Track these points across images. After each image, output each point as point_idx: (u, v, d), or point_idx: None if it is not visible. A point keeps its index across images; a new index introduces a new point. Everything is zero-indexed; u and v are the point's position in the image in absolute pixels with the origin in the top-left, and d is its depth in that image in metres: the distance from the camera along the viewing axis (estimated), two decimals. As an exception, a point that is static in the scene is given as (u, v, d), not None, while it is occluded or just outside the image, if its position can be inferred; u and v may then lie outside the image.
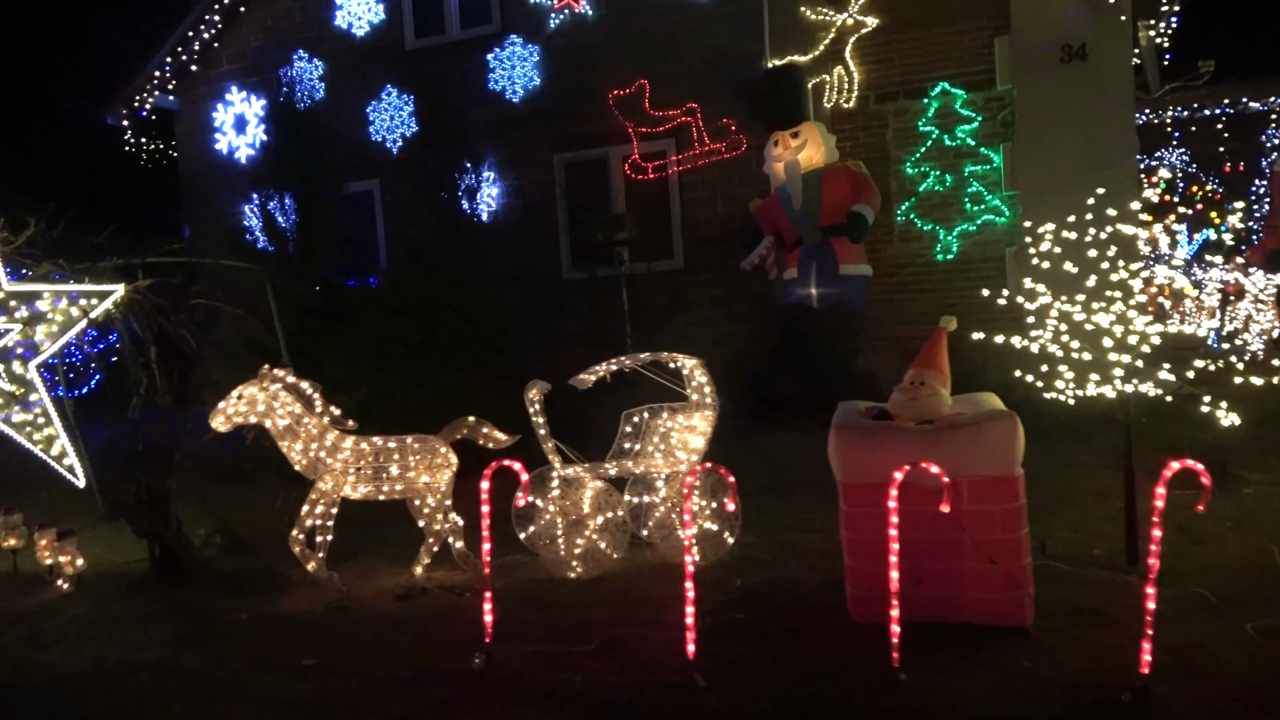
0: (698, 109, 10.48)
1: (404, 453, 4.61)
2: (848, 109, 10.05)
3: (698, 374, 4.97)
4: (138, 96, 12.63)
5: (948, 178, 9.76)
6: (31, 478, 7.23)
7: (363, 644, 4.04)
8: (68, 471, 5.02)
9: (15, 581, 5.18)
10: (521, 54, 11.16)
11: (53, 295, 4.89)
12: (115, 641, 4.20)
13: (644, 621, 4.12)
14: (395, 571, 4.97)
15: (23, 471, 6.44)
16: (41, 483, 7.24)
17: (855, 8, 9.89)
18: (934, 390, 3.99)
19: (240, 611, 4.46)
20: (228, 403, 4.47)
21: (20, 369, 4.99)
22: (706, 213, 10.66)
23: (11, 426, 5.06)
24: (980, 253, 9.74)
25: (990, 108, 9.57)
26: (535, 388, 4.87)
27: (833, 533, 5.26)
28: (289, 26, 12.37)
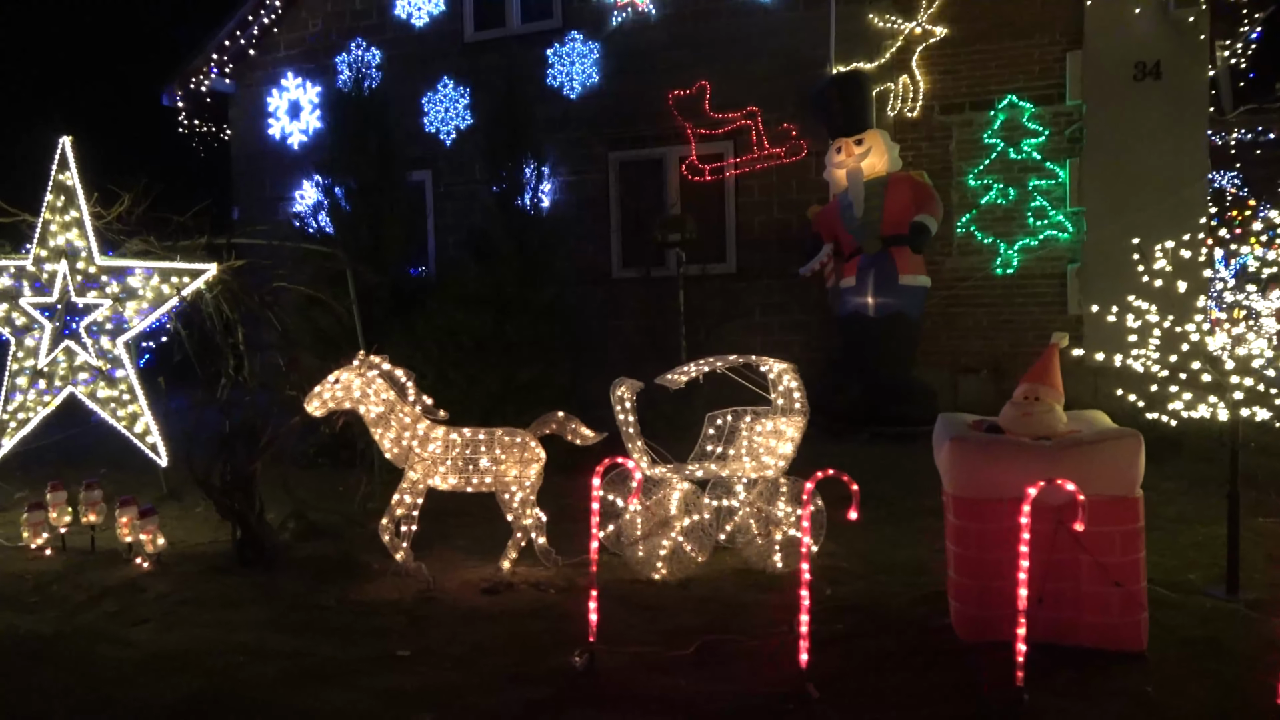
0: (758, 113, 10.43)
1: (494, 445, 4.56)
2: (911, 118, 9.95)
3: (787, 379, 4.91)
4: (194, 78, 12.68)
5: (1011, 191, 9.65)
6: (93, 454, 7.29)
7: (455, 637, 4.00)
8: (150, 449, 5.01)
9: (93, 558, 5.16)
10: (581, 50, 11.13)
11: (144, 272, 4.88)
12: (206, 621, 4.17)
13: (739, 628, 4.06)
14: (474, 564, 4.92)
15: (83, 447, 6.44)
16: (103, 459, 7.33)
17: (924, 17, 9.81)
18: (1049, 406, 3.91)
19: (327, 598, 4.42)
20: (323, 387, 4.44)
21: (108, 344, 4.99)
22: (762, 217, 10.60)
23: (97, 402, 5.06)
24: (1041, 269, 9.63)
25: (1058, 122, 9.46)
26: (624, 385, 4.82)
27: (915, 546, 5.23)
28: (349, 13, 12.40)
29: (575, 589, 4.57)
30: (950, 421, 4.19)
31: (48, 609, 4.40)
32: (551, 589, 4.56)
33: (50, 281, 5.08)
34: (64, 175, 5.05)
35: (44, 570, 4.95)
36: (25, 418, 5.24)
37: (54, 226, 5.06)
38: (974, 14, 9.66)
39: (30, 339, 5.20)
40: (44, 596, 4.57)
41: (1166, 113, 8.98)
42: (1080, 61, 9.29)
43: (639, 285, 10.84)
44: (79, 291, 5.00)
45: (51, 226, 5.06)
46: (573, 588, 4.59)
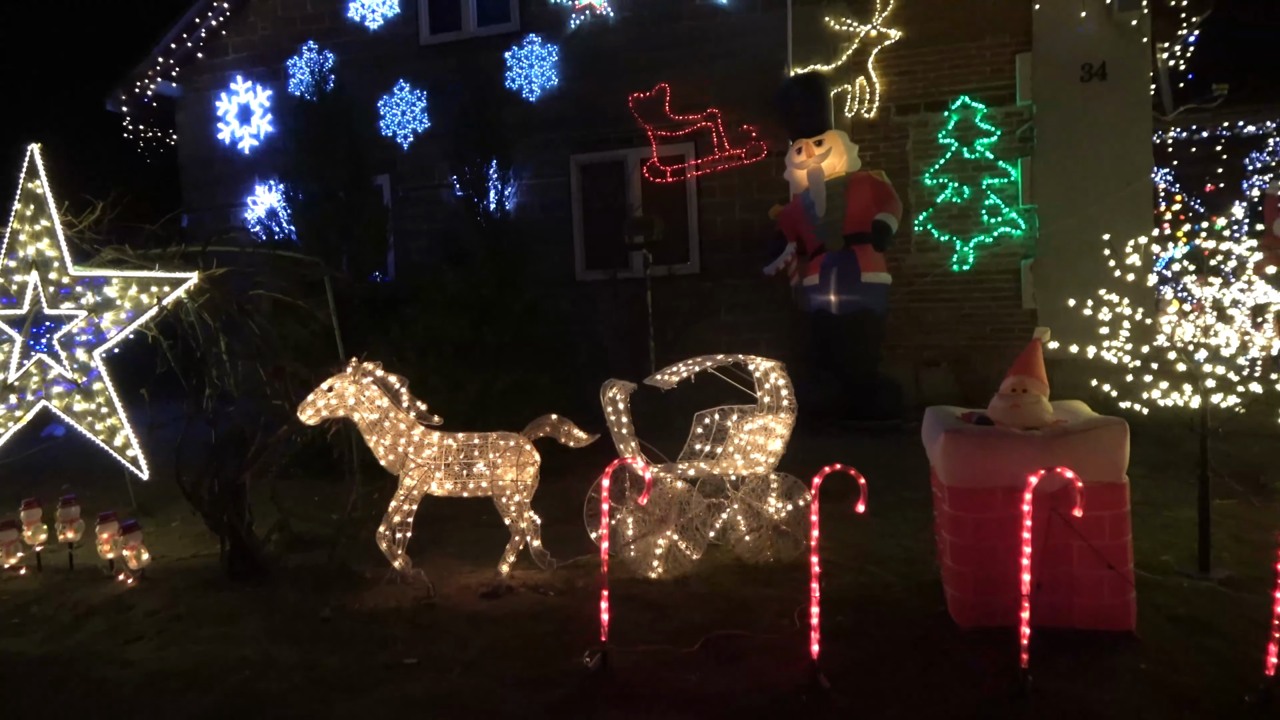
0: (719, 114, 10.54)
1: (489, 449, 4.56)
2: (868, 119, 10.16)
3: (774, 377, 5.00)
4: (140, 82, 12.37)
5: (966, 190, 9.91)
6: (53, 470, 7.09)
7: (461, 642, 3.99)
8: (130, 464, 4.89)
9: (73, 576, 5.02)
10: (540, 53, 11.13)
11: (122, 282, 4.76)
12: (204, 637, 4.09)
13: (742, 623, 4.12)
14: (469, 569, 4.91)
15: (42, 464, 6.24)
16: (64, 475, 7.13)
17: (879, 20, 10.02)
18: (1036, 398, 4.05)
19: (324, 608, 4.37)
20: (317, 395, 4.39)
21: (84, 356, 4.86)
22: (724, 218, 10.71)
23: (72, 415, 4.92)
24: (996, 264, 9.91)
25: (1010, 122, 9.75)
26: (616, 387, 4.85)
27: (902, 537, 5.36)
28: (300, 17, 12.21)
29: (574, 591, 4.59)
30: (940, 414, 4.31)
31: (33, 630, 4.28)
32: (551, 591, 4.57)
33: (20, 293, 4.93)
34: (33, 183, 4.90)
35: (22, 590, 4.80)
36: (-4, 434, 5.08)
37: (23, 236, 4.91)
38: (928, 16, 9.90)
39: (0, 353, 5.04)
40: (26, 617, 4.43)
41: (1112, 112, 9.32)
42: (1030, 63, 9.58)
43: (604, 287, 10.88)
44: (52, 303, 4.86)
45: (20, 236, 4.91)
46: (571, 590, 4.60)
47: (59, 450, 5.96)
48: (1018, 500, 3.83)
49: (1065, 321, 9.62)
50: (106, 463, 5.34)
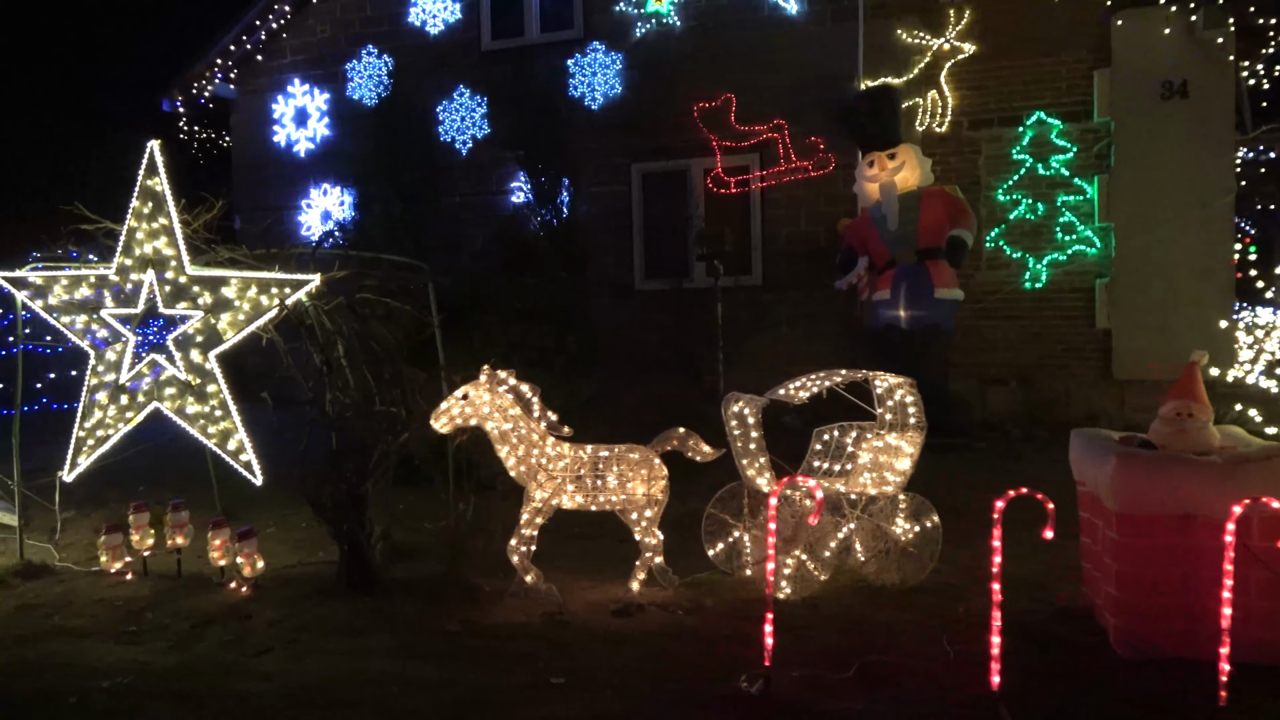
0: (785, 125, 10.44)
1: (619, 462, 4.43)
2: (940, 133, 10.04)
3: (900, 394, 4.86)
4: (197, 83, 12.33)
5: (1039, 206, 9.77)
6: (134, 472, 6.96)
7: (603, 662, 3.85)
8: (244, 468, 4.77)
9: (181, 583, 4.90)
10: (603, 61, 11.04)
11: (241, 282, 4.66)
12: (334, 649, 3.97)
13: (886, 647, 3.98)
14: (586, 584, 4.77)
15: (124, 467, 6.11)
16: (142, 477, 7.02)
17: (953, 33, 9.91)
18: (1203, 423, 3.91)
19: (450, 622, 4.24)
20: (450, 403, 4.27)
21: (199, 358, 4.75)
22: (789, 230, 10.60)
23: (185, 418, 4.81)
24: (1069, 283, 9.76)
25: (1086, 139, 9.61)
26: (743, 401, 4.72)
27: (1018, 559, 5.19)
28: (359, 20, 12.17)
29: (702, 609, 4.46)
30: (1096, 438, 4.17)
31: (152, 639, 4.15)
32: (679, 610, 4.44)
33: (135, 292, 4.83)
34: (152, 180, 4.80)
35: (131, 596, 4.68)
36: (104, 435, 4.96)
37: (140, 234, 4.81)
38: (1001, 31, 9.78)
39: (111, 352, 4.93)
40: (141, 624, 4.32)
41: (1193, 131, 9.18)
42: (1108, 79, 9.45)
43: (663, 297, 10.75)
44: (167, 302, 4.76)
45: (138, 234, 4.81)
46: (700, 608, 4.47)
47: (144, 453, 5.81)
48: (1192, 528, 3.71)
49: (1146, 341, 9.49)
50: (189, 466, 5.23)
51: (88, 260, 5.07)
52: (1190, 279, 9.22)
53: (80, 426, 4.98)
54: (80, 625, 4.30)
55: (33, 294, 4.99)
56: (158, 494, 6.75)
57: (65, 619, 4.38)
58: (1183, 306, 9.25)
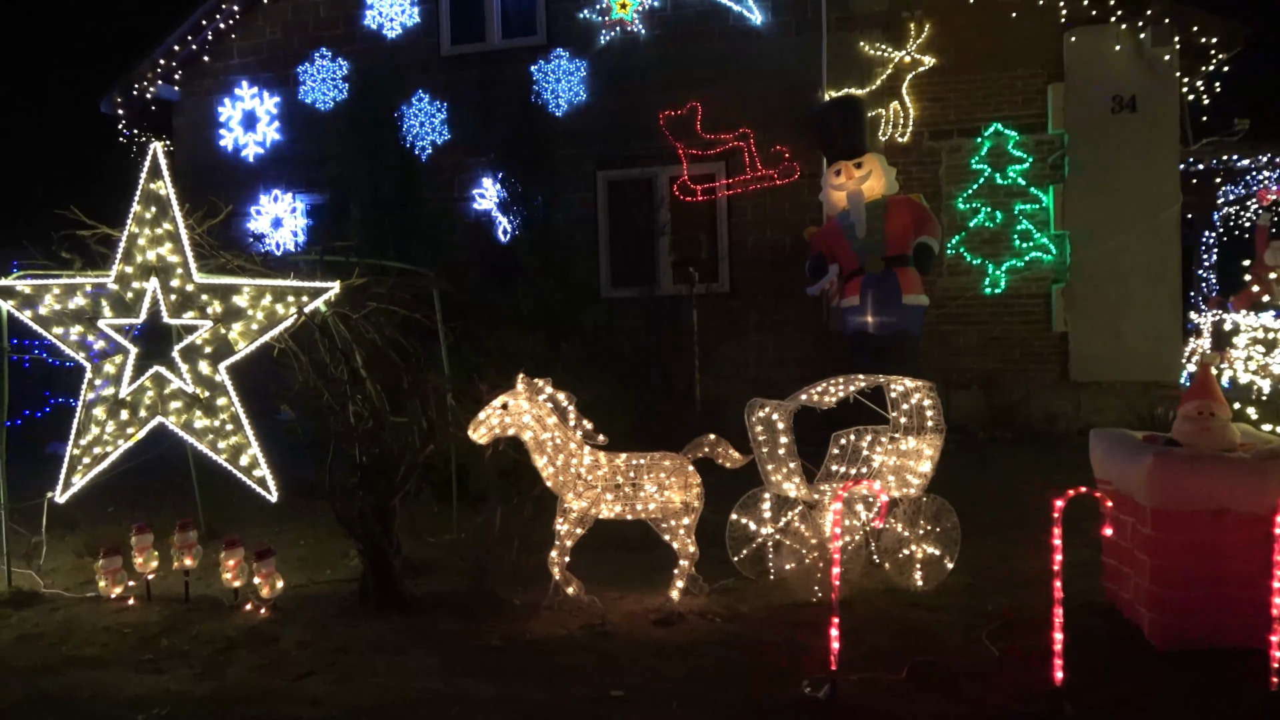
0: (751, 134, 10.54)
1: (655, 470, 4.39)
2: (902, 143, 10.29)
3: (918, 397, 4.94)
4: (139, 84, 11.83)
5: (998, 215, 10.10)
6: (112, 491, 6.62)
7: (656, 673, 3.81)
8: (258, 484, 4.57)
9: (190, 606, 4.65)
10: (568, 68, 10.97)
11: (255, 290, 4.48)
12: (379, 670, 3.82)
13: (929, 648, 4.03)
14: (616, 594, 4.69)
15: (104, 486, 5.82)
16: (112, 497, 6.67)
17: (913, 46, 10.18)
18: (1224, 421, 4.07)
19: (491, 637, 4.13)
20: (488, 413, 4.17)
21: (208, 370, 4.54)
22: (755, 237, 10.69)
23: (192, 433, 4.59)
24: (1027, 288, 10.11)
25: (1041, 150, 9.98)
26: (769, 406, 4.74)
27: (1025, 559, 5.33)
28: (312, 21, 11.85)
29: (740, 617, 4.45)
30: (1120, 438, 4.32)
31: (176, 666, 3.94)
32: (716, 617, 4.42)
33: (136, 301, 4.59)
34: (155, 184, 4.58)
35: (140, 622, 4.43)
36: (101, 453, 4.69)
37: (142, 240, 4.57)
38: (960, 45, 10.10)
39: (110, 365, 4.67)
40: (158, 652, 4.09)
41: (1142, 143, 9.63)
42: (1061, 93, 9.83)
43: (630, 305, 10.72)
44: (173, 312, 4.53)
45: (139, 240, 4.58)
46: (737, 615, 4.46)
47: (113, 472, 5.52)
48: (1224, 522, 3.86)
49: (1102, 345, 9.85)
50: (163, 483, 4.97)
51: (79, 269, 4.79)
52: (1142, 284, 9.65)
53: (75, 444, 4.70)
54: (93, 655, 4.06)
55: (20, 303, 4.70)
56: (130, 514, 6.45)
57: (74, 649, 4.12)
58: (1135, 310, 9.67)
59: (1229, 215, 16.23)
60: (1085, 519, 6.22)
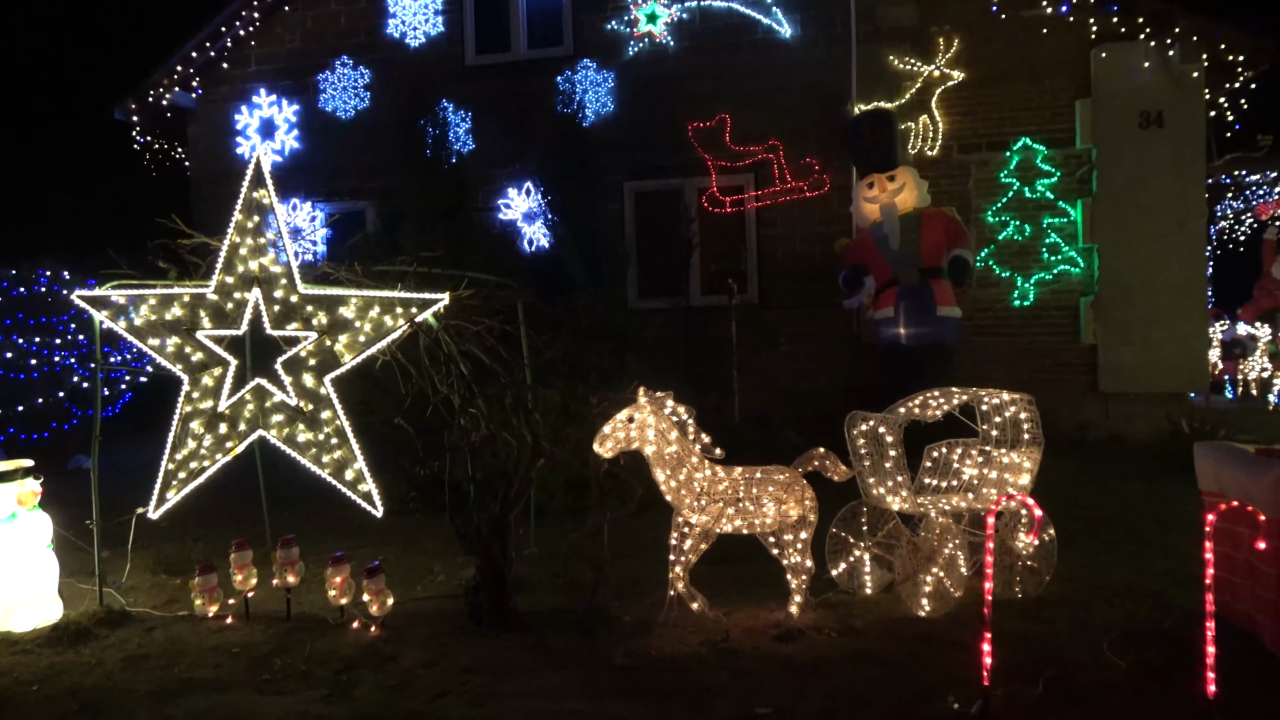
0: (780, 146, 10.59)
1: (772, 485, 4.35)
2: (931, 156, 10.36)
3: (1013, 410, 4.96)
4: (154, 91, 11.64)
5: (1027, 228, 10.19)
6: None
7: (796, 690, 3.76)
8: (363, 499, 4.47)
9: (294, 624, 4.52)
10: (594, 79, 10.96)
11: (362, 301, 4.39)
12: (512, 691, 3.74)
13: (1050, 660, 4.03)
14: (719, 608, 4.65)
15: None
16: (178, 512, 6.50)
17: (942, 61, 10.27)
18: (1342, 431, 4.12)
19: (615, 656, 4.06)
20: (614, 427, 4.11)
21: (312, 382, 4.44)
22: (784, 249, 10.73)
23: (295, 447, 4.49)
24: (1055, 301, 10.20)
25: (1069, 164, 10.09)
26: (873, 420, 4.72)
27: (1114, 569, 5.36)
28: (332, 31, 11.74)
29: (855, 631, 4.42)
30: (1233, 451, 4.36)
31: (298, 687, 3.83)
32: (831, 632, 4.38)
33: (237, 312, 4.48)
34: (259, 192, 4.48)
35: (247, 642, 4.31)
36: (198, 467, 4.56)
37: (243, 250, 4.47)
38: (989, 60, 10.20)
39: (208, 377, 4.55)
40: (276, 674, 3.97)
41: (1169, 158, 9.77)
42: (1089, 108, 9.96)
43: (658, 316, 10.71)
44: (276, 323, 4.43)
45: (241, 250, 4.48)
46: (851, 630, 4.43)
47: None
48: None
49: (1130, 356, 9.96)
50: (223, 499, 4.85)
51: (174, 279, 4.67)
52: (1169, 295, 9.78)
53: (170, 458, 4.57)
54: (209, 677, 3.93)
55: (114, 314, 4.57)
56: (188, 529, 6.30)
57: (187, 671, 3.99)
58: (1163, 322, 9.80)
59: (1224, 230, 16.58)
60: (1150, 530, 6.34)
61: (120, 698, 3.75)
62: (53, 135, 16.68)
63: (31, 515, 4.50)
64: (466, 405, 4.32)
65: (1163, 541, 6.09)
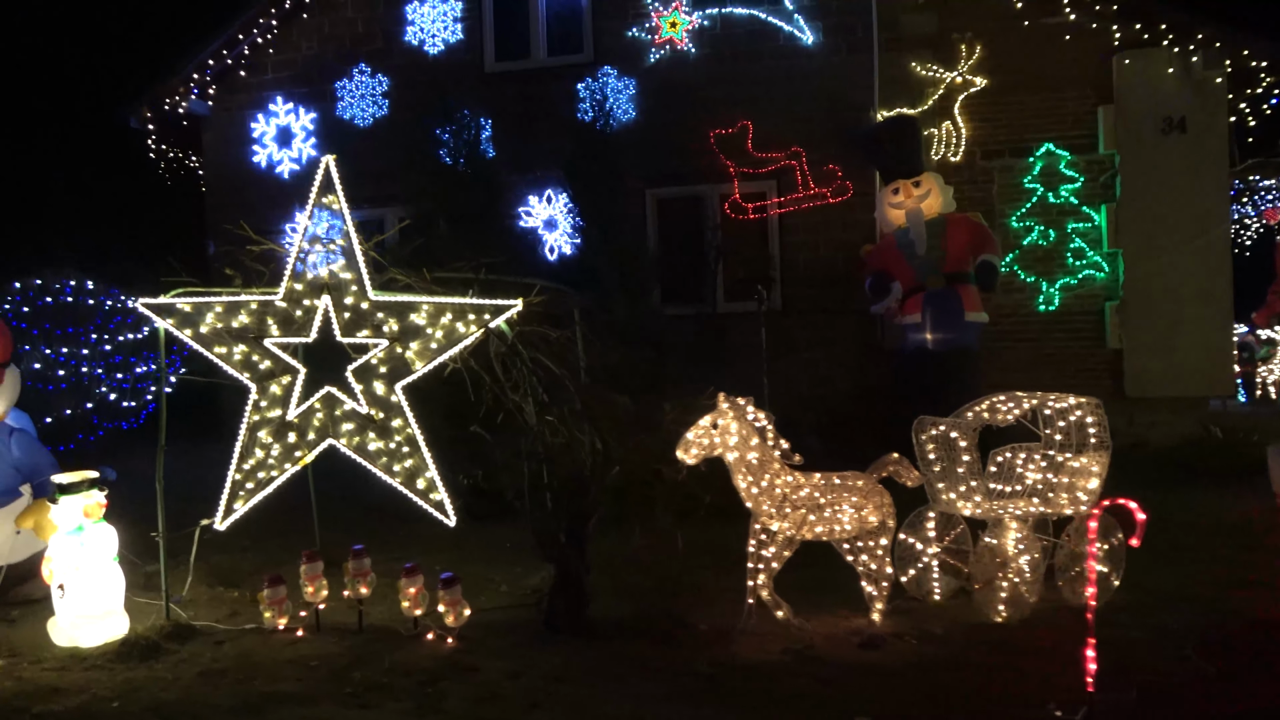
0: (802, 153, 10.57)
1: (851, 491, 4.32)
2: (954, 162, 10.39)
3: (1078, 414, 4.94)
4: (169, 98, 11.54)
5: (1050, 233, 10.22)
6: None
7: (890, 699, 3.73)
8: (435, 509, 4.41)
9: (367, 636, 4.45)
10: (615, 86, 10.93)
11: (433, 308, 4.34)
12: (604, 699, 3.69)
13: (1144, 667, 4.01)
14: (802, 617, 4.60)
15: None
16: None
17: (964, 68, 10.30)
18: None
19: (699, 664, 4.02)
20: (698, 433, 4.07)
21: (383, 390, 4.38)
22: (807, 255, 10.70)
23: (365, 455, 4.42)
24: (1079, 306, 10.23)
25: (1093, 170, 10.14)
26: (944, 424, 4.70)
27: (1167, 576, 5.33)
28: (349, 36, 11.68)
29: (935, 638, 4.38)
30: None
31: (384, 700, 3.76)
32: (911, 639, 4.35)
33: (306, 319, 4.42)
34: (328, 198, 4.43)
35: (321, 654, 4.23)
36: (266, 477, 4.49)
37: (312, 256, 4.42)
38: (1010, 67, 10.24)
39: (276, 386, 4.49)
40: (358, 687, 3.90)
41: (1191, 163, 9.82)
42: (1112, 115, 10.01)
43: (681, 322, 10.66)
44: (345, 330, 4.37)
45: (309, 256, 4.42)
46: (930, 637, 4.39)
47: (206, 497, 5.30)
48: None
49: (1156, 361, 9.98)
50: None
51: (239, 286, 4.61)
52: (1194, 302, 9.82)
53: (238, 469, 4.50)
54: (291, 691, 3.86)
55: (179, 322, 4.49)
56: (234, 540, 6.20)
57: (266, 685, 3.92)
58: (1188, 326, 9.84)
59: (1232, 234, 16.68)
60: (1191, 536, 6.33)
61: (203, 713, 3.68)
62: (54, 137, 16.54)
63: (98, 527, 4.42)
64: (544, 412, 4.27)
65: (1208, 547, 6.09)
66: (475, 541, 6.30)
